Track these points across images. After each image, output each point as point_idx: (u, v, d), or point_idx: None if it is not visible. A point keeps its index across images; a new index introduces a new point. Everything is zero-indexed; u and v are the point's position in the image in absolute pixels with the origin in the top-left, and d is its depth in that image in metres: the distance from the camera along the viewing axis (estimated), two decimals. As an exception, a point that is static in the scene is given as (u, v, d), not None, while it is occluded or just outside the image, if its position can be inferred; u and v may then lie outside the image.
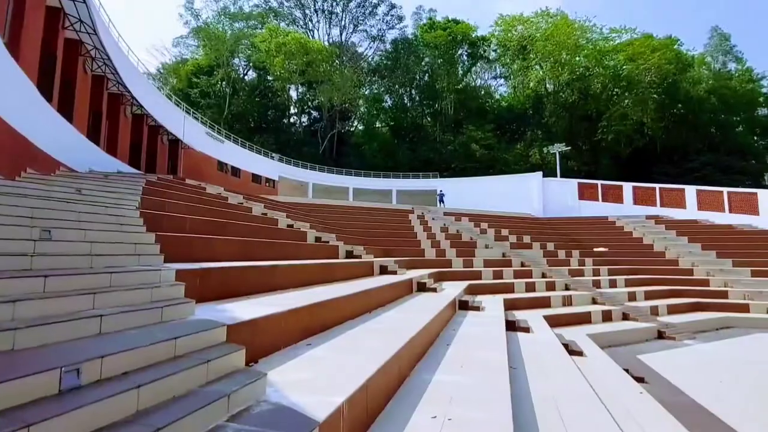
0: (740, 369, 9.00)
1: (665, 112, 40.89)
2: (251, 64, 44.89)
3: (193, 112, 23.44)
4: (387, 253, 14.72)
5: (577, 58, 45.23)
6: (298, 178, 32.62)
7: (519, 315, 10.42)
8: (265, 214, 12.90)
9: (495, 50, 52.33)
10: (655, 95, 41.06)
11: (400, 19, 55.40)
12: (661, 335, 12.23)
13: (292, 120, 49.24)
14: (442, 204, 30.24)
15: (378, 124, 50.92)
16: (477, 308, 9.25)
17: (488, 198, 32.28)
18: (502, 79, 55.82)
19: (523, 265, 17.17)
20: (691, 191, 27.76)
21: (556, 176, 34.75)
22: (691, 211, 26.98)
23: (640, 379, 7.58)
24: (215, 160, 23.15)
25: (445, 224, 22.24)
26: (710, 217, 25.81)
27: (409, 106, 52.38)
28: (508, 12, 69.98)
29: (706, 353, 10.57)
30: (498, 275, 15.12)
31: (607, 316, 12.89)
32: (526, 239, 21.71)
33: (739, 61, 43.19)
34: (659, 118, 40.14)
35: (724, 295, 16.52)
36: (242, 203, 13.59)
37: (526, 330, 8.70)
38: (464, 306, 9.17)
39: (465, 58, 52.94)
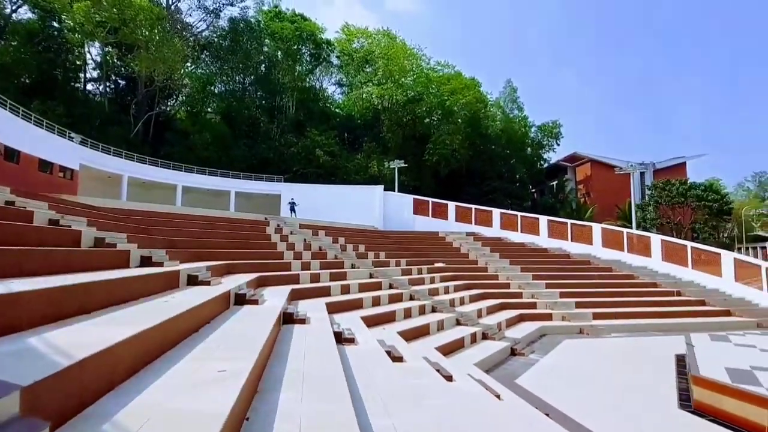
0: (594, 384, 11.14)
1: (470, 142, 49.43)
2: (28, 0, 32.12)
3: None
4: (264, 283, 12.65)
5: (410, 82, 50.08)
6: (107, 168, 24.80)
7: (416, 350, 10.39)
8: (102, 239, 9.12)
9: (338, 57, 52.96)
10: (463, 126, 49.14)
11: (241, -4, 49.81)
12: (513, 352, 14.31)
13: (90, 87, 37.74)
14: (293, 213, 28.43)
15: (209, 110, 44.43)
16: (400, 359, 8.69)
17: (335, 207, 32.14)
18: (340, 87, 57.11)
19: (391, 286, 17.57)
20: (497, 213, 34.16)
21: (393, 190, 37.39)
22: (496, 230, 33.18)
23: (546, 414, 8.47)
24: (-26, 135, 15.22)
25: (306, 240, 20.86)
26: (509, 236, 32.32)
27: (244, 96, 47.64)
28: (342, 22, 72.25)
29: (555, 368, 12.74)
30: (376, 302, 14.97)
31: (473, 338, 14.31)
32: (383, 256, 22.48)
33: (520, 110, 56.19)
34: (467, 147, 48.23)
35: (533, 306, 20.73)
36: (60, 221, 9.30)
37: (449, 378, 8.64)
38: (397, 359, 8.46)
39: (308, 57, 51.69)
